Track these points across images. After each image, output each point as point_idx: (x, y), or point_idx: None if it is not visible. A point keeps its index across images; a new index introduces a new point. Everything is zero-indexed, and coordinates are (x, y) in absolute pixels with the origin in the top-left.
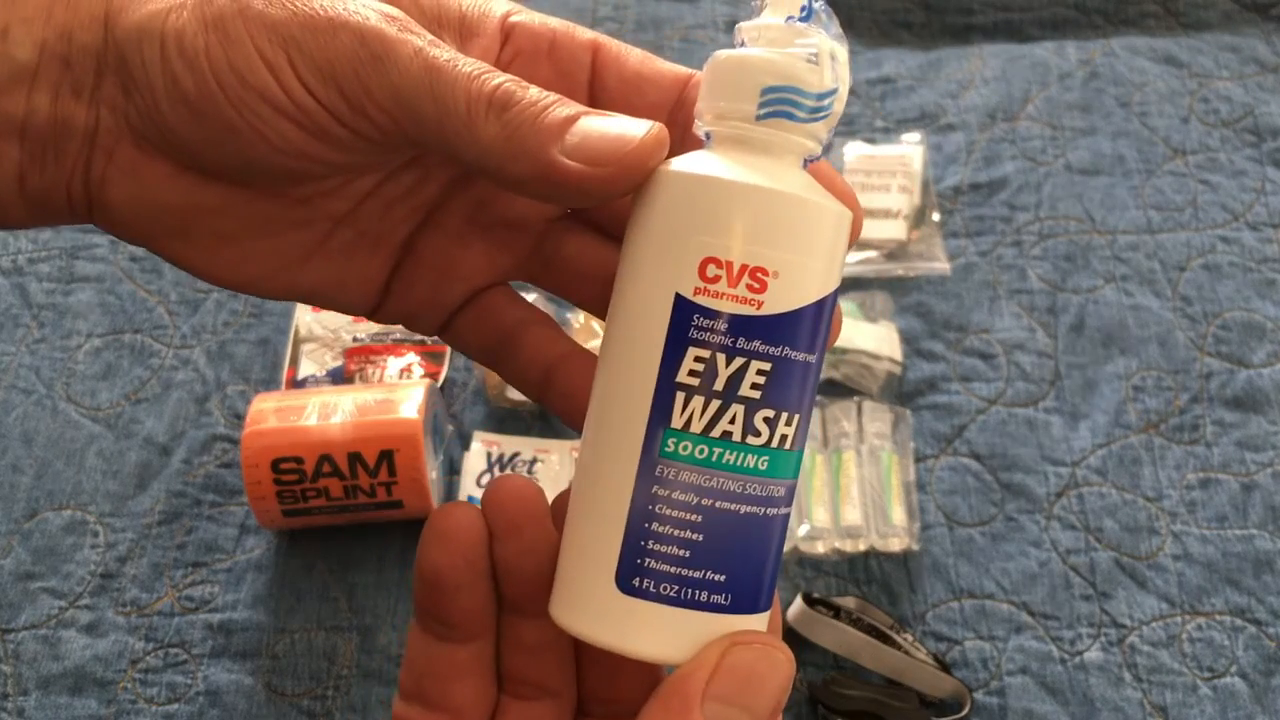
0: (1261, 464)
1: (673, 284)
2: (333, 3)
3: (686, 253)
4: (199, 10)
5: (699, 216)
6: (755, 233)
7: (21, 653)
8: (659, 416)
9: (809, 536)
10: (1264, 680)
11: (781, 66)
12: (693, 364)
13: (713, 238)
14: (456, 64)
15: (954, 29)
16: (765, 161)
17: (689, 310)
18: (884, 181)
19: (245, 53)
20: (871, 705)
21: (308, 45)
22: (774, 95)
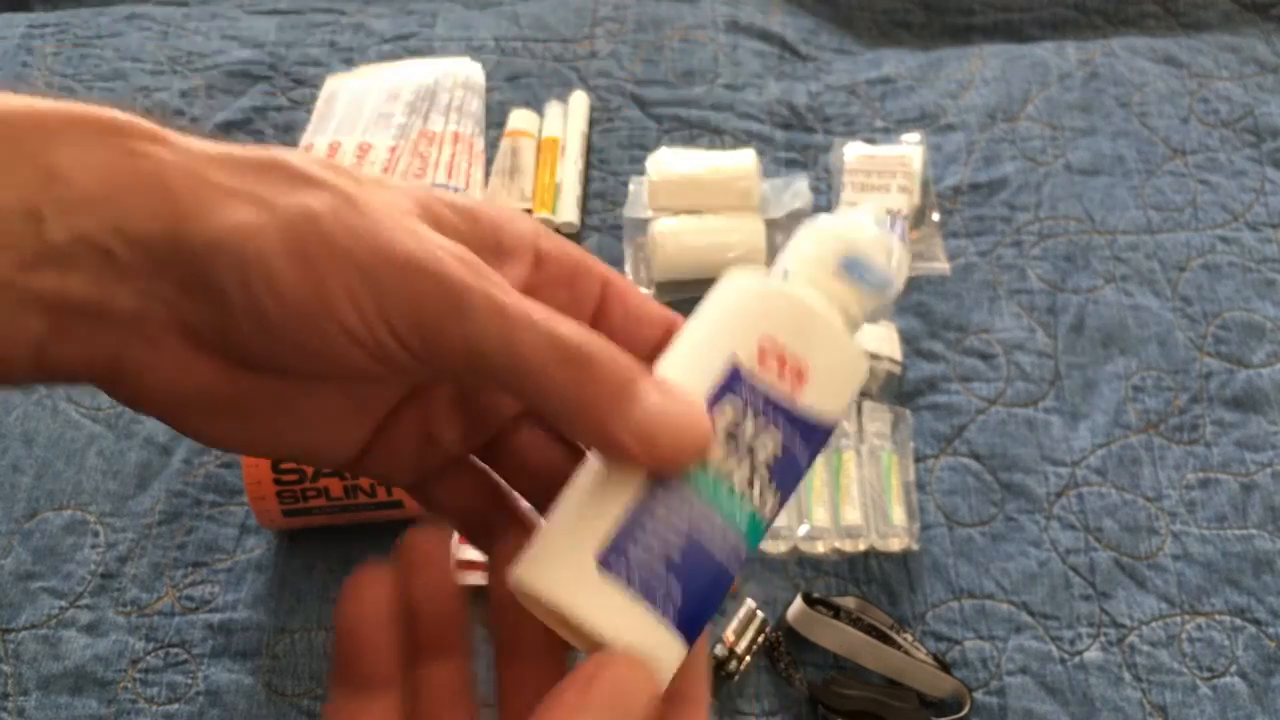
0: (1261, 464)
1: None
2: (411, 240)
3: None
4: (282, 237)
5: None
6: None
7: (22, 652)
8: None
9: (809, 536)
10: (1264, 680)
11: (866, 244)
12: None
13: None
14: (531, 315)
15: (954, 29)
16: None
17: (740, 372)
18: (884, 181)
19: (330, 289)
20: (871, 705)
21: (390, 286)
22: (852, 263)
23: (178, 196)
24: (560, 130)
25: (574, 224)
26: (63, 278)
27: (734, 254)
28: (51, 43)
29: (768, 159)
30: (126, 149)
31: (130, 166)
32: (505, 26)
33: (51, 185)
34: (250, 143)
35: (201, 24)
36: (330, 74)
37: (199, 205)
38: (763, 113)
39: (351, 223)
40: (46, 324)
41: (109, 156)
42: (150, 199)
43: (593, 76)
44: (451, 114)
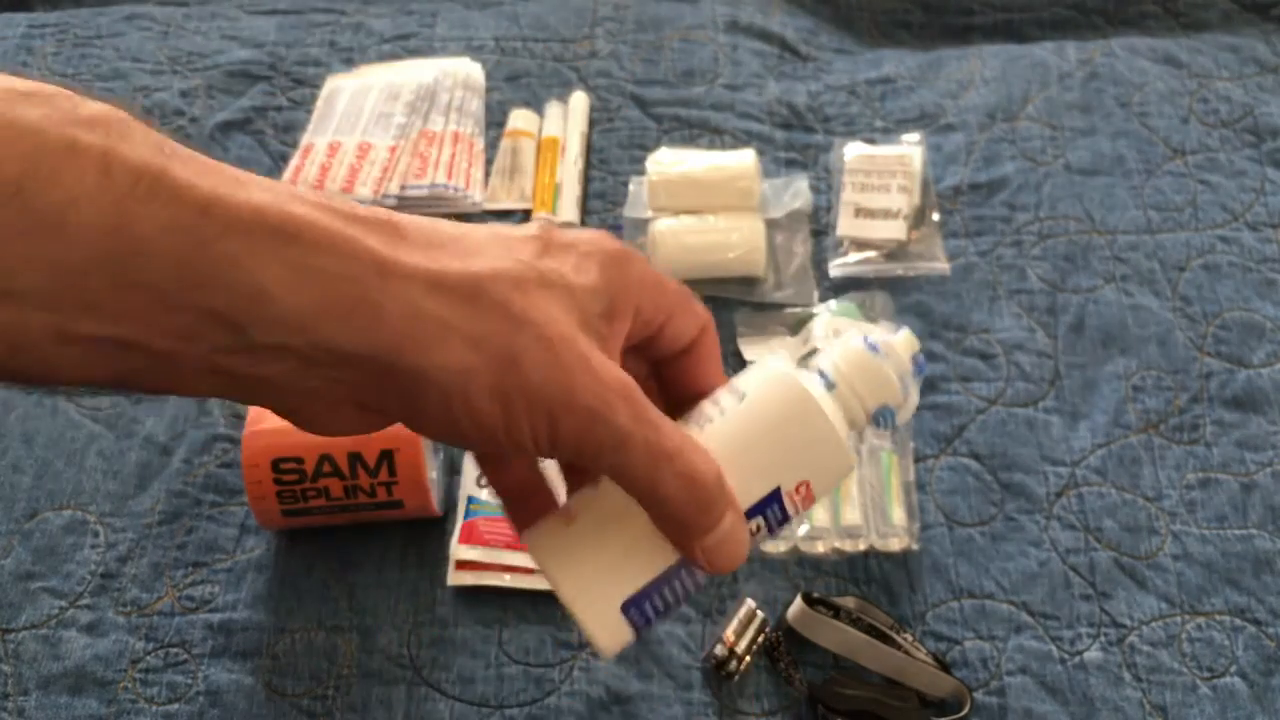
0: (1261, 464)
1: (778, 478)
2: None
3: (799, 468)
4: (489, 382)
5: (821, 457)
6: (832, 485)
7: (22, 652)
8: None
9: (809, 536)
10: (1263, 680)
11: (899, 400)
12: (753, 525)
13: (818, 476)
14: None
15: (954, 29)
16: (849, 433)
17: (776, 500)
18: (884, 182)
19: (519, 422)
20: (871, 705)
21: (568, 426)
22: (884, 410)
23: (391, 327)
24: (560, 130)
25: (574, 224)
26: (258, 365)
27: (734, 254)
28: (51, 42)
29: (768, 159)
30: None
31: (345, 293)
32: (505, 26)
33: (259, 304)
34: (250, 141)
35: (201, 24)
36: (330, 74)
37: (414, 339)
38: (763, 113)
39: (546, 369)
40: (227, 384)
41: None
42: (359, 324)
43: (593, 76)
44: (451, 114)
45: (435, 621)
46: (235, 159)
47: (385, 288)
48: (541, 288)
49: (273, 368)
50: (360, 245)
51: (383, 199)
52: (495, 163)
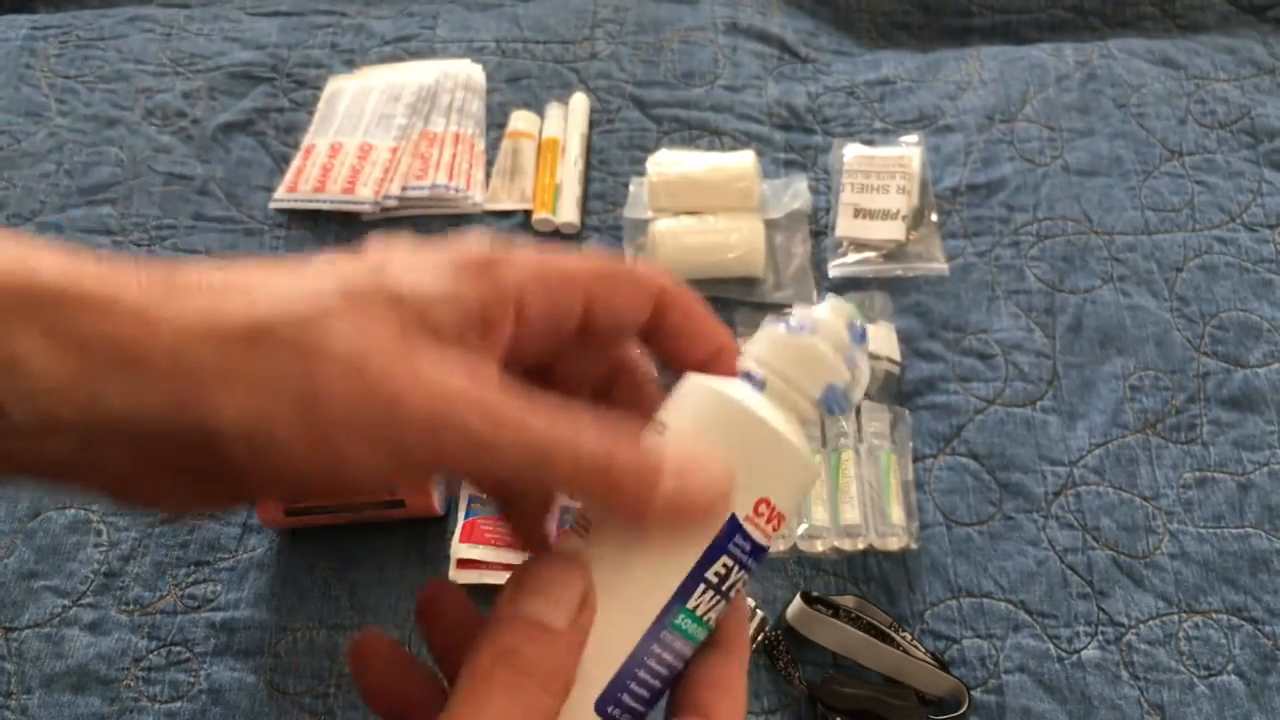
0: (1258, 463)
1: (732, 506)
2: (425, 396)
3: (752, 487)
4: (291, 422)
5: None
6: (796, 494)
7: (25, 651)
8: (681, 596)
9: (808, 535)
10: (1260, 679)
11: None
12: (720, 568)
13: (775, 487)
14: (553, 440)
15: (952, 30)
16: (801, 430)
17: (736, 529)
18: (883, 182)
19: (349, 456)
20: (870, 704)
21: (412, 443)
22: (832, 393)
23: (164, 385)
24: (560, 131)
25: (574, 224)
26: (38, 446)
27: (733, 254)
28: (54, 44)
29: (767, 160)
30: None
31: (107, 354)
32: (506, 28)
33: (10, 377)
34: (252, 142)
35: (204, 25)
36: (332, 75)
37: (193, 394)
38: (762, 114)
39: (356, 396)
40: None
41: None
42: (127, 386)
43: (593, 78)
44: (452, 115)
45: None
46: (237, 160)
47: (152, 343)
48: (355, 313)
49: (55, 449)
50: (122, 301)
51: (384, 200)
52: (496, 164)
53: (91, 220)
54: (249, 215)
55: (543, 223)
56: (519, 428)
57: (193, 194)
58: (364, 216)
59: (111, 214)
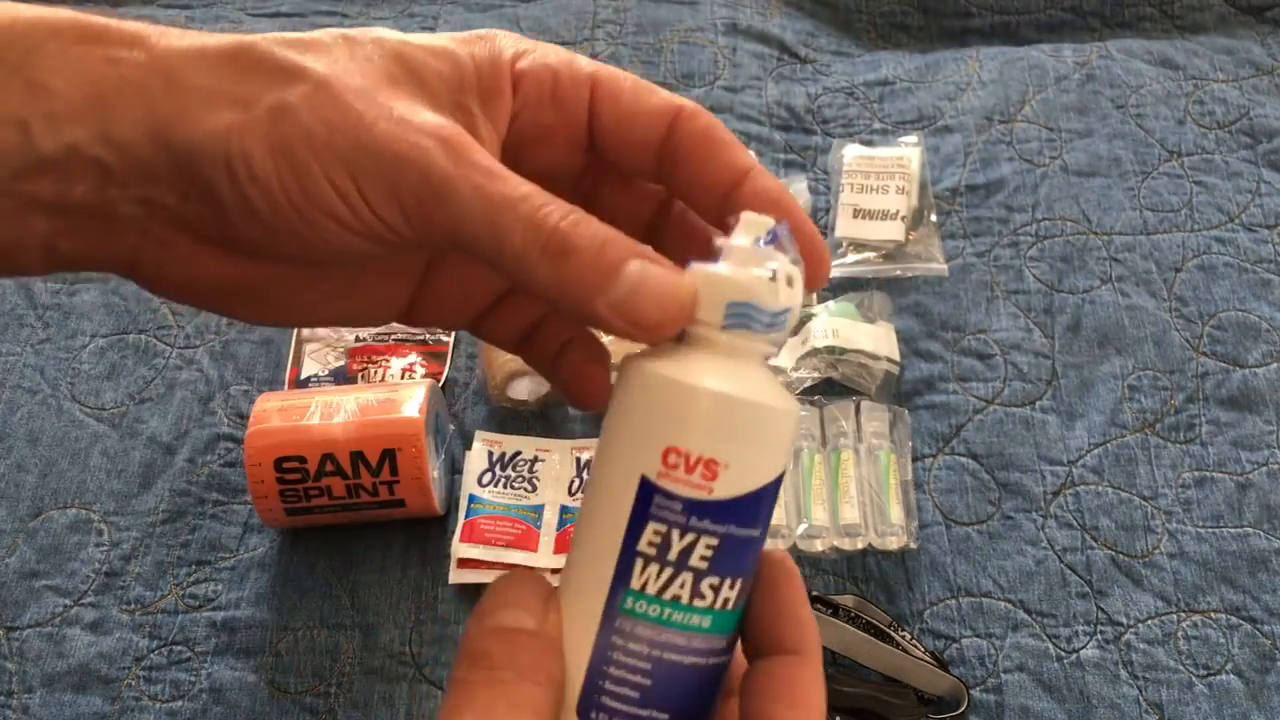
0: (1257, 463)
1: (640, 467)
2: (395, 129)
3: (652, 441)
4: (262, 135)
5: (667, 411)
6: (712, 430)
7: (26, 650)
8: (621, 577)
9: (807, 535)
10: (1259, 678)
11: (744, 285)
12: (651, 536)
13: (676, 432)
14: (514, 199)
15: (951, 31)
16: (727, 364)
17: (651, 490)
18: (882, 183)
19: (315, 180)
20: (870, 703)
21: (373, 175)
22: (737, 309)
23: (156, 102)
24: None
25: None
26: (61, 185)
27: None
28: None
29: (767, 160)
30: (107, 56)
31: (112, 74)
32: (506, 29)
33: (36, 98)
34: None
35: (205, 27)
36: None
37: (178, 110)
38: (762, 114)
39: (329, 114)
40: (53, 225)
41: (90, 65)
42: (132, 106)
43: None
44: None
45: (437, 619)
46: None
47: (152, 65)
48: (348, 50)
49: (77, 187)
50: (130, 32)
51: None
52: None
53: None
54: None
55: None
56: (482, 180)
57: None
58: None
59: None
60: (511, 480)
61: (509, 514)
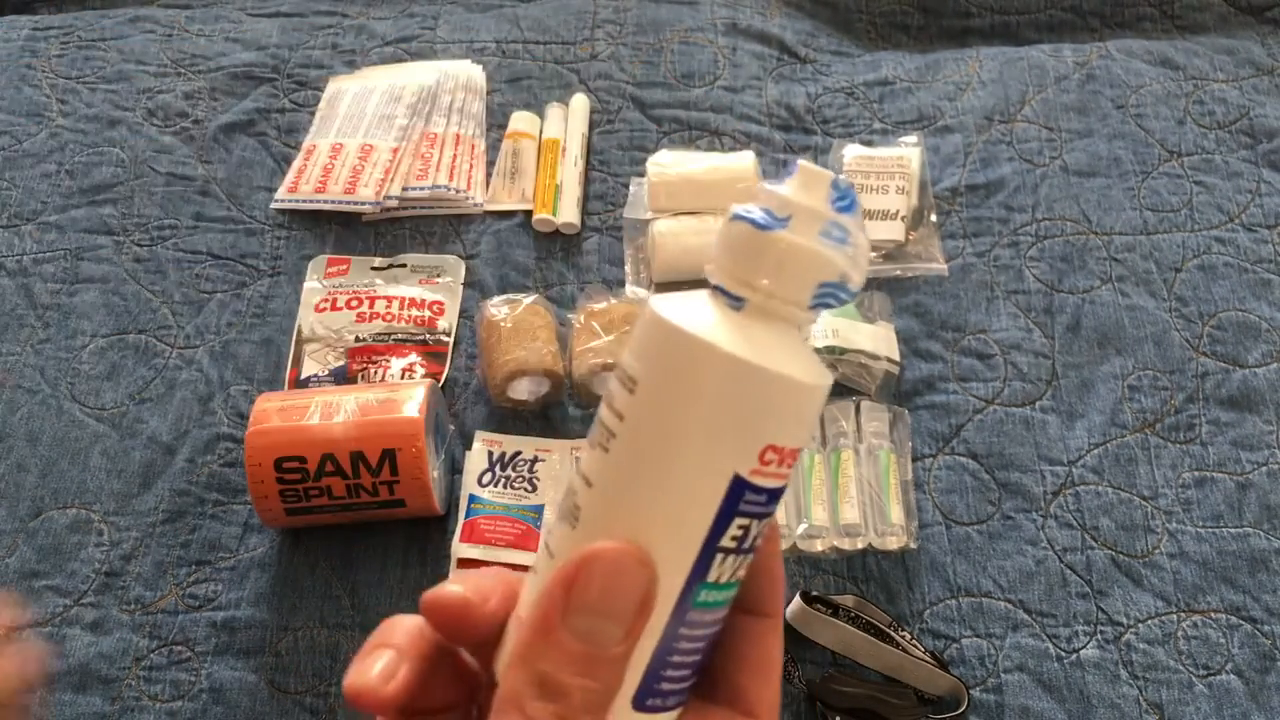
0: (1256, 463)
1: (732, 464)
2: None
3: (748, 437)
4: None
5: (766, 407)
6: (805, 422)
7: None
8: (699, 573)
9: (807, 535)
10: (1259, 678)
11: (839, 266)
12: (736, 531)
13: (776, 429)
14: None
15: (951, 31)
16: (799, 345)
17: (745, 488)
18: (882, 183)
19: None
20: (869, 702)
21: None
22: (827, 289)
23: None
24: (561, 132)
25: (575, 225)
26: None
27: None
28: (56, 45)
29: (767, 160)
30: None
31: None
32: (506, 29)
33: None
34: (253, 143)
35: (205, 26)
36: (333, 76)
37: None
38: (762, 114)
39: None
40: None
41: None
42: None
43: (593, 79)
44: (453, 115)
45: None
46: (238, 160)
47: None
48: None
49: None
50: None
51: (385, 200)
52: (496, 164)
53: (93, 220)
54: (250, 215)
55: (543, 223)
56: None
57: (194, 194)
58: (365, 217)
59: (113, 214)
60: (511, 480)
61: (509, 514)
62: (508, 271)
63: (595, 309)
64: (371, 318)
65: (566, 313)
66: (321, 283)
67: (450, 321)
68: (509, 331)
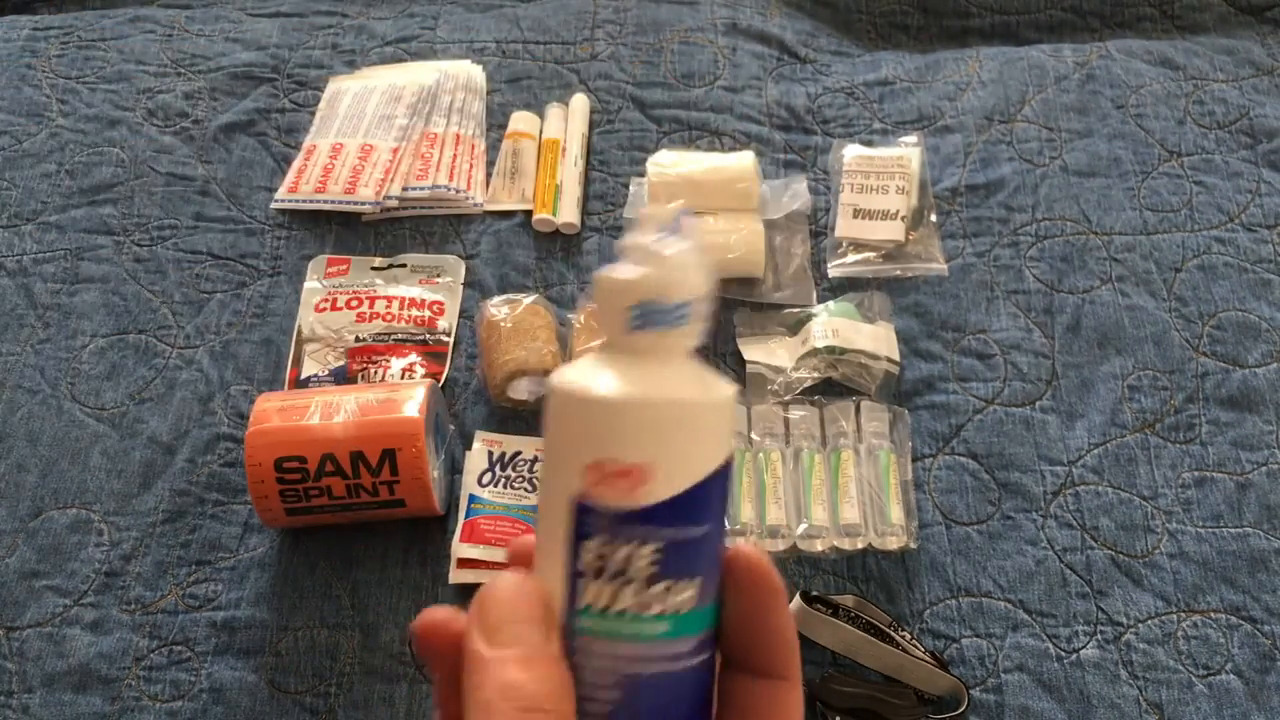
0: (1256, 463)
1: (568, 488)
2: None
3: (574, 460)
4: None
5: (582, 428)
6: (630, 437)
7: (26, 650)
8: (570, 599)
9: (807, 535)
10: (1259, 678)
11: (640, 286)
12: (590, 554)
13: (594, 446)
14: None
15: (951, 31)
16: (641, 368)
17: (581, 509)
18: (882, 183)
19: None
20: (869, 702)
21: None
22: (639, 310)
23: None
24: (561, 132)
25: (574, 225)
26: None
27: (733, 255)
28: (56, 45)
29: (767, 160)
30: None
31: None
32: (506, 29)
33: None
34: (253, 143)
35: (205, 26)
36: (333, 76)
37: None
38: (762, 114)
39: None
40: None
41: None
42: None
43: (593, 79)
44: (453, 115)
45: None
46: (238, 160)
47: None
48: None
49: None
50: None
51: (385, 200)
52: (496, 164)
53: (93, 220)
54: (250, 215)
55: (543, 223)
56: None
57: (194, 194)
58: (365, 217)
59: (113, 214)
60: (511, 480)
61: (509, 514)
62: (508, 271)
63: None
64: (371, 318)
65: (566, 313)
66: (322, 283)
67: (450, 321)
68: (509, 331)
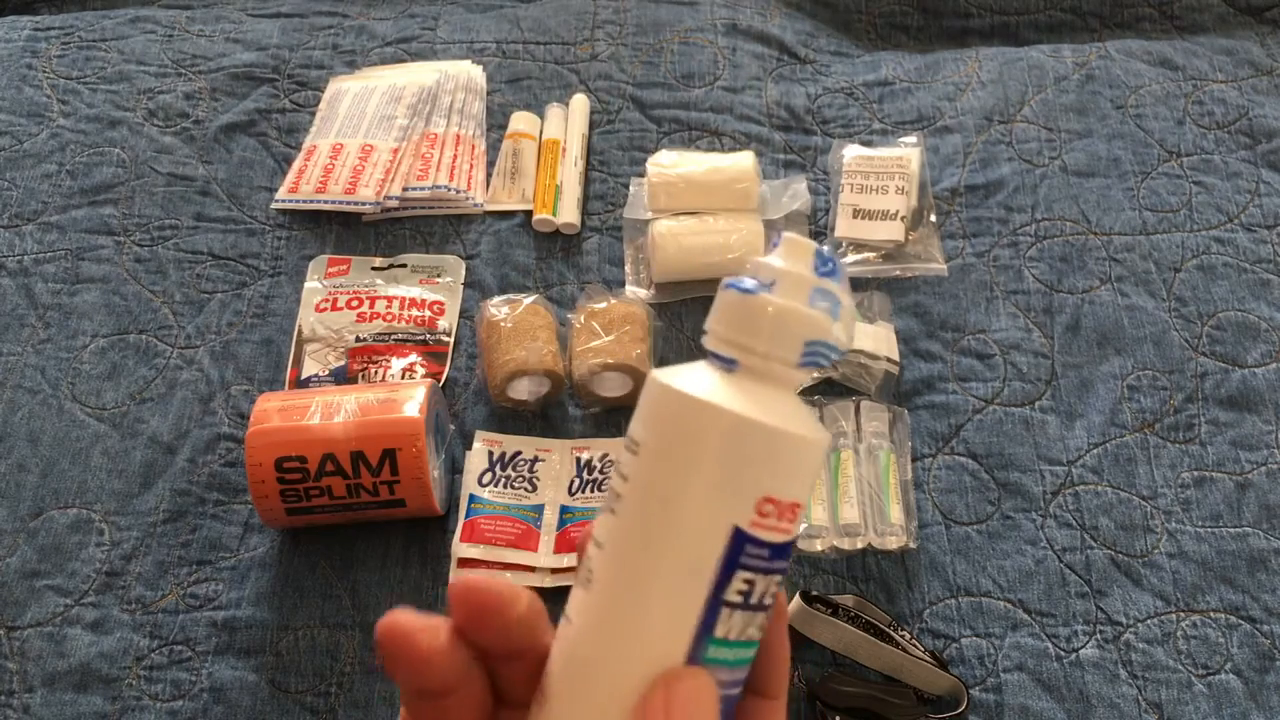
0: (1256, 463)
1: (730, 517)
2: None
3: (745, 490)
4: None
5: (762, 460)
6: (801, 476)
7: (27, 650)
8: (706, 628)
9: (807, 535)
10: (1258, 677)
11: (823, 325)
12: (740, 585)
13: (771, 480)
14: None
15: (951, 32)
16: (794, 403)
17: (744, 540)
18: (882, 183)
19: None
20: (869, 702)
21: None
22: (814, 348)
23: None
24: (561, 132)
25: (575, 225)
26: None
27: (733, 255)
28: (56, 45)
29: (767, 160)
30: None
31: None
32: (506, 29)
33: None
34: (254, 143)
35: (205, 27)
36: (333, 76)
37: None
38: (761, 115)
39: None
40: None
41: None
42: None
43: (593, 79)
44: (453, 116)
45: None
46: (239, 160)
47: None
48: None
49: None
50: None
51: (385, 200)
52: (496, 164)
53: (94, 220)
54: (250, 216)
55: (543, 223)
56: None
57: (195, 194)
58: (365, 217)
59: (114, 214)
60: (511, 480)
61: (509, 514)
62: (508, 271)
63: (595, 309)
64: (372, 318)
65: (566, 313)
66: (322, 283)
67: (450, 321)
68: (509, 331)
